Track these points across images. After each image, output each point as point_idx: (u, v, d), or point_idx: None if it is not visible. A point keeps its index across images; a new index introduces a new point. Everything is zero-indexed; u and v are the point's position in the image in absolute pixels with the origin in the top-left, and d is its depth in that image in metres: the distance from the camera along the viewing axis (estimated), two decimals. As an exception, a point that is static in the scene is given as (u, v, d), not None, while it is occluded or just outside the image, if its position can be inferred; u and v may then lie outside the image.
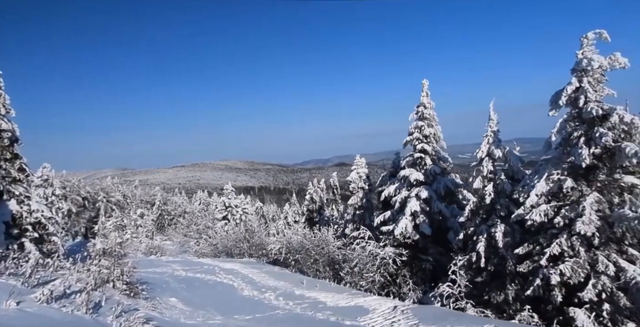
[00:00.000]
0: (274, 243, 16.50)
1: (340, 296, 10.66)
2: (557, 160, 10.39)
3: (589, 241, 9.39)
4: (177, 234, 37.32)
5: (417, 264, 15.18)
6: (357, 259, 13.67)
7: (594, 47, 9.67)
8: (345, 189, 30.29)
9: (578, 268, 9.26)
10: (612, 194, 9.56)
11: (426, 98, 16.03)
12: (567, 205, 9.82)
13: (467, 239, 12.91)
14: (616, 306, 8.93)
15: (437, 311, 9.23)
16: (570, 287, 9.44)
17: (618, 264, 8.96)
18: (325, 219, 31.14)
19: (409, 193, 15.42)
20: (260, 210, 50.68)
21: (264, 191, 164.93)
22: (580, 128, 9.90)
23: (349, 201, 21.18)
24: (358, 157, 22.09)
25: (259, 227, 22.84)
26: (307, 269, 14.66)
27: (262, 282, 12.58)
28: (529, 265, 10.30)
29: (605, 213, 9.33)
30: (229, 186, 34.46)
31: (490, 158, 12.65)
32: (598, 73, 9.67)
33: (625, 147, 8.87)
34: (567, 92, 9.83)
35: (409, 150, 16.43)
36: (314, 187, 35.54)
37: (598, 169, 9.68)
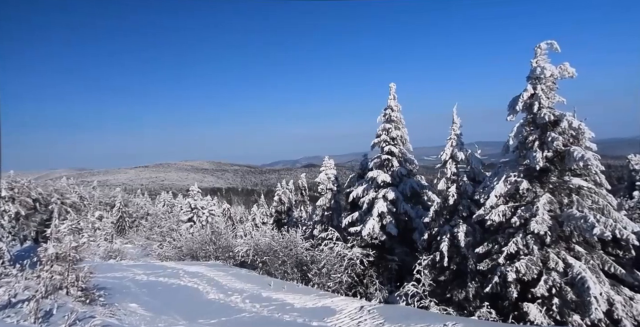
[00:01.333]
0: (242, 245, 16.23)
1: (307, 297, 10.64)
2: (515, 163, 10.94)
3: (542, 240, 9.95)
4: (139, 237, 35.83)
5: (383, 264, 15.45)
6: (325, 260, 13.72)
7: (547, 56, 10.31)
8: (314, 190, 30.37)
9: (532, 265, 9.78)
10: (562, 195, 10.19)
11: (393, 101, 16.39)
12: (523, 205, 10.36)
13: (432, 239, 13.30)
14: (564, 299, 9.51)
15: (402, 310, 9.43)
16: (525, 284, 9.95)
17: (566, 260, 9.56)
18: (294, 221, 31.02)
19: (376, 194, 15.68)
20: (228, 211, 49.66)
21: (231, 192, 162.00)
22: (534, 132, 10.49)
23: (318, 202, 21.21)
24: (327, 158, 22.20)
25: (226, 229, 22.38)
26: (274, 270, 14.53)
27: (229, 285, 12.32)
28: (488, 263, 10.75)
29: (556, 213, 9.93)
30: (195, 187, 33.55)
31: (454, 160, 13.12)
32: (550, 81, 10.30)
33: (574, 151, 9.49)
34: (523, 99, 10.40)
35: (377, 152, 16.72)
36: (283, 188, 35.33)
37: (550, 171, 10.29)
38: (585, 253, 9.80)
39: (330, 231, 15.11)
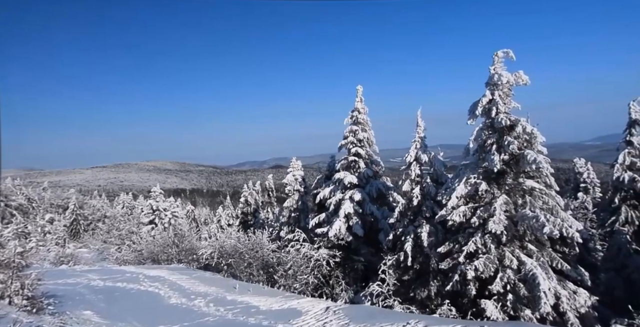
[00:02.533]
0: (206, 247, 15.81)
1: (273, 300, 10.53)
2: (474, 165, 11.43)
3: (499, 239, 10.45)
4: (95, 240, 33.97)
5: (349, 265, 15.60)
6: (291, 261, 13.65)
7: (503, 64, 10.87)
8: (281, 192, 30.17)
9: (489, 263, 10.25)
10: (517, 196, 10.77)
11: (360, 103, 16.64)
12: (481, 206, 10.83)
13: (396, 240, 13.60)
14: (517, 295, 10.04)
15: (367, 309, 9.56)
16: (483, 281, 10.40)
17: (520, 258, 10.11)
18: (261, 222, 30.68)
19: (343, 195, 15.82)
20: (192, 213, 48.27)
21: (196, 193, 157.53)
22: (492, 136, 11.03)
23: (285, 203, 21.10)
24: (294, 159, 22.14)
25: (189, 231, 21.69)
26: (240, 273, 14.27)
27: (192, 288, 11.95)
28: (449, 262, 11.14)
29: (511, 213, 10.48)
30: (157, 188, 32.32)
31: (418, 163, 13.50)
32: (506, 88, 10.88)
33: (527, 155, 10.07)
34: (482, 104, 10.91)
35: (344, 154, 16.89)
36: (249, 189, 34.85)
37: (506, 173, 10.85)
38: (536, 251, 10.40)
39: (297, 232, 15.06)
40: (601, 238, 16.39)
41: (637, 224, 15.43)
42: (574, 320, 9.65)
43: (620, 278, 13.44)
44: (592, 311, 9.99)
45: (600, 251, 15.30)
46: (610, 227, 15.90)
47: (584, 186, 24.79)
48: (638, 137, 15.81)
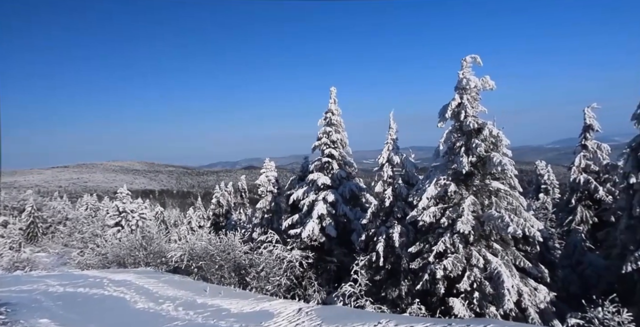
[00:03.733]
0: (175, 250, 15.37)
1: (245, 302, 10.38)
2: (444, 167, 11.77)
3: (466, 238, 10.81)
4: (54, 244, 32.27)
5: (322, 266, 15.64)
6: (264, 263, 13.51)
7: (471, 69, 11.28)
8: (254, 193, 29.81)
9: (457, 263, 10.58)
10: (484, 197, 11.19)
11: (334, 105, 16.75)
12: (450, 207, 11.17)
13: (369, 240, 13.77)
14: (483, 293, 10.42)
15: (339, 310, 9.61)
16: (451, 280, 10.72)
17: (486, 257, 10.50)
18: (233, 224, 30.20)
19: (316, 197, 15.85)
20: (161, 215, 46.82)
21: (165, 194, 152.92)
22: (461, 139, 11.40)
23: (258, 204, 20.88)
24: (267, 160, 21.97)
25: (158, 233, 21.03)
26: (211, 275, 13.98)
27: (160, 292, 11.58)
28: (419, 262, 11.40)
29: (478, 213, 10.87)
30: (124, 188, 31.12)
31: (390, 164, 13.74)
32: (474, 92, 11.30)
33: (493, 157, 10.49)
34: (452, 107, 11.27)
35: (318, 155, 16.93)
36: (221, 190, 34.24)
37: (474, 175, 11.25)
38: (501, 250, 10.83)
39: (270, 233, 14.94)
40: (559, 237, 17.29)
41: (591, 223, 16.42)
42: (534, 315, 10.12)
43: (575, 274, 14.23)
44: (551, 306, 10.52)
45: (559, 249, 16.13)
46: (567, 226, 16.82)
47: (545, 187, 26.10)
48: (592, 141, 16.81)
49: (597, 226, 16.22)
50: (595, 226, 16.33)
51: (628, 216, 11.50)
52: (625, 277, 10.67)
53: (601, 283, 12.95)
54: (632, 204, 11.21)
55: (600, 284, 12.86)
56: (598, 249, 15.48)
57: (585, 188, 16.55)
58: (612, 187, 16.29)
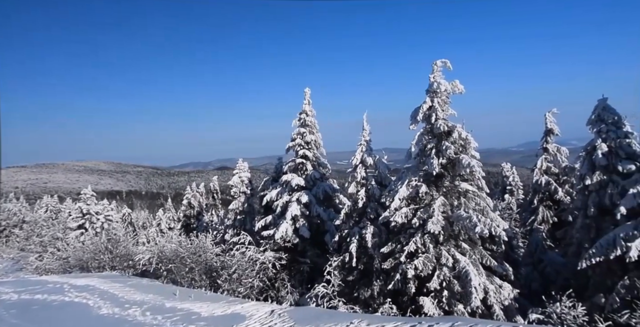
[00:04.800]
0: (144, 253, 14.85)
1: (216, 305, 10.18)
2: (416, 168, 12.04)
3: (436, 238, 11.11)
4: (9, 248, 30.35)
5: (295, 267, 15.60)
6: (236, 265, 13.31)
7: (442, 73, 11.62)
8: (226, 194, 29.32)
9: (428, 262, 10.85)
10: (453, 197, 11.54)
11: (308, 106, 16.78)
12: (422, 208, 11.44)
13: (342, 241, 13.87)
14: (452, 291, 10.74)
15: (312, 311, 9.61)
16: (422, 279, 10.98)
17: (455, 256, 10.82)
18: (204, 225, 29.60)
19: (290, 198, 15.80)
20: (128, 217, 45.10)
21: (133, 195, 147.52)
22: (432, 141, 11.71)
23: (230, 205, 20.57)
24: (241, 161, 21.69)
25: (125, 236, 20.24)
26: (181, 279, 13.61)
27: (126, 297, 11.15)
28: (391, 262, 11.60)
29: (448, 214, 11.19)
30: (88, 189, 29.77)
31: (363, 165, 13.91)
32: (444, 95, 11.64)
33: (462, 159, 10.85)
34: (423, 110, 11.56)
35: (292, 156, 16.89)
36: (193, 191, 33.48)
37: (444, 176, 11.58)
38: (469, 249, 11.20)
39: (243, 235, 14.74)
40: (523, 236, 18.11)
41: (551, 222, 17.29)
42: (499, 312, 10.53)
43: (536, 272, 14.94)
44: (514, 303, 10.98)
45: (522, 248, 16.89)
46: (530, 226, 17.63)
47: (510, 188, 27.25)
48: (552, 144, 17.72)
49: (557, 225, 17.11)
50: (555, 225, 17.22)
51: (583, 216, 12.19)
52: (580, 274, 11.29)
53: (559, 279, 13.66)
54: (587, 204, 11.88)
55: (559, 281, 13.56)
56: (557, 247, 16.33)
57: (546, 189, 17.42)
58: (570, 188, 17.23)
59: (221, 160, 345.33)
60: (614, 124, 11.42)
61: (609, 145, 11.28)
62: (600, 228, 11.44)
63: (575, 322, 8.45)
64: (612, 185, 11.26)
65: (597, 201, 11.59)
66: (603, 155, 11.23)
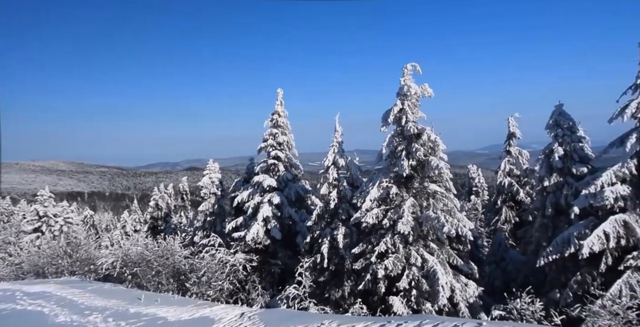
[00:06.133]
0: (107, 256, 14.24)
1: (183, 309, 9.91)
2: (387, 170, 12.26)
3: (406, 239, 11.35)
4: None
5: (266, 269, 15.46)
6: (205, 267, 13.01)
7: (412, 76, 11.92)
8: (196, 195, 28.64)
9: (398, 262, 11.05)
10: (422, 198, 11.83)
11: (280, 107, 16.71)
12: (392, 208, 11.66)
13: (313, 242, 13.88)
14: (420, 290, 11.01)
15: (283, 313, 9.56)
16: (391, 279, 11.17)
17: (424, 256, 11.10)
18: (172, 227, 28.75)
19: (262, 199, 15.66)
20: (90, 219, 43.04)
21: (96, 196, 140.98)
22: (402, 143, 11.98)
23: (200, 207, 20.11)
24: (211, 161, 21.27)
25: (87, 239, 19.32)
26: (147, 282, 13.15)
27: (87, 303, 10.63)
28: (362, 262, 11.73)
29: (417, 215, 11.46)
30: (45, 190, 28.18)
31: (335, 166, 14.00)
32: (414, 98, 11.94)
33: (431, 161, 11.16)
34: (394, 112, 11.80)
35: (263, 157, 16.75)
36: (160, 192, 32.45)
37: (414, 178, 11.86)
38: (437, 249, 11.52)
39: (213, 236, 14.44)
40: (487, 235, 18.85)
41: (513, 222, 18.14)
42: (464, 309, 10.89)
43: (499, 269, 15.60)
44: (479, 300, 11.40)
45: (486, 247, 17.59)
46: (494, 225, 18.41)
47: (475, 189, 28.32)
48: (514, 147, 18.61)
49: (518, 225, 17.96)
50: (516, 224, 18.06)
51: (542, 216, 12.87)
52: (538, 271, 11.90)
53: (520, 277, 14.32)
54: (545, 204, 12.56)
55: (519, 278, 14.22)
56: (518, 246, 17.13)
57: (508, 190, 18.24)
58: (530, 189, 18.14)
59: (190, 161, 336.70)
60: (569, 128, 12.14)
61: (565, 148, 11.97)
62: (557, 227, 12.11)
63: (534, 317, 8.88)
64: (567, 186, 11.97)
65: (554, 201, 12.26)
66: (559, 158, 11.90)
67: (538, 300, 9.27)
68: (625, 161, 9.69)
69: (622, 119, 9.98)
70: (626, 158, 9.71)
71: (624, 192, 9.56)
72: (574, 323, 8.61)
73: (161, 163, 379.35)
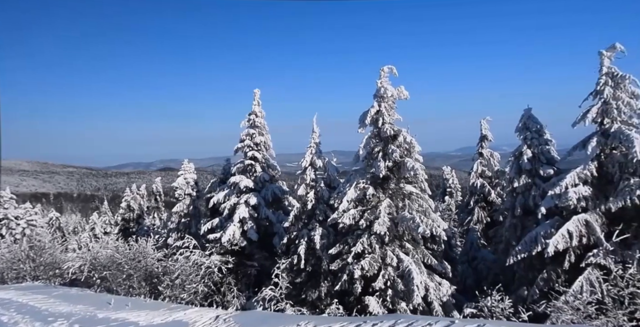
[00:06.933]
0: (74, 260, 13.68)
1: (156, 313, 9.63)
2: (363, 171, 12.37)
3: (382, 239, 11.49)
4: None
5: (242, 270, 15.27)
6: (179, 270, 12.71)
7: (388, 78, 12.11)
8: (170, 196, 27.97)
9: (374, 262, 11.18)
10: (398, 199, 12.02)
11: (258, 107, 16.57)
12: (369, 209, 11.77)
13: (290, 243, 13.83)
14: (395, 290, 11.16)
15: (259, 315, 9.47)
16: (368, 279, 11.27)
17: (399, 256, 11.27)
18: (145, 229, 27.92)
19: (238, 200, 15.46)
20: (56, 221, 41.16)
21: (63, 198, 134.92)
22: (379, 144, 12.14)
23: (174, 208, 19.62)
24: (186, 161, 20.81)
25: (52, 242, 18.47)
26: (117, 286, 12.72)
27: (51, 309, 10.15)
28: (339, 263, 11.78)
29: (393, 215, 11.63)
30: (6, 192, 26.80)
31: (313, 167, 14.01)
32: (391, 100, 12.13)
33: (407, 162, 11.36)
34: (371, 114, 11.95)
35: (240, 157, 16.55)
36: (133, 193, 31.48)
37: (390, 179, 12.04)
38: (412, 249, 11.73)
39: (188, 238, 14.12)
40: (460, 235, 19.35)
41: (485, 222, 18.69)
42: (438, 308, 11.13)
43: (471, 269, 16.05)
44: (452, 299, 11.67)
45: (460, 247, 18.06)
46: (467, 225, 18.91)
47: (449, 190, 29.03)
48: (486, 149, 19.21)
49: (490, 225, 18.52)
50: (488, 225, 18.62)
51: (511, 216, 13.34)
52: (508, 269, 12.31)
53: (490, 275, 14.78)
54: (514, 205, 13.02)
55: (490, 276, 14.67)
56: (490, 245, 17.67)
57: (481, 191, 18.80)
58: (501, 190, 18.76)
59: (165, 161, 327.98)
60: (537, 131, 12.65)
61: (533, 151, 12.47)
62: (525, 227, 12.57)
63: (503, 314, 9.20)
64: (535, 187, 12.45)
65: (523, 202, 12.74)
66: (528, 161, 12.38)
67: (507, 297, 9.61)
68: (586, 163, 10.19)
69: (584, 123, 10.51)
70: (587, 160, 10.21)
71: (586, 193, 10.06)
72: (540, 319, 8.95)
73: (133, 163, 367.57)
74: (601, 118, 10.39)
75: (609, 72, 10.32)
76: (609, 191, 10.03)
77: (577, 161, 10.83)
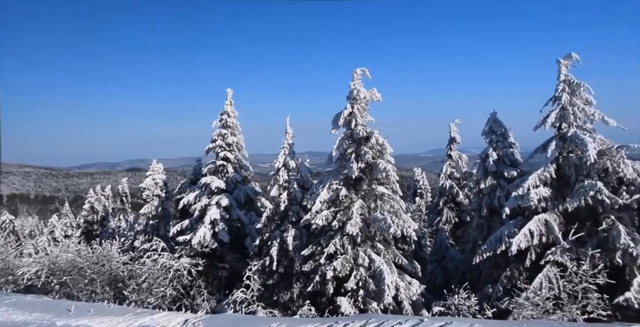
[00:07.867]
0: (29, 265, 12.91)
1: (120, 319, 9.25)
2: (336, 172, 12.45)
3: (354, 240, 11.59)
4: None
5: (213, 273, 14.95)
6: (146, 273, 12.29)
7: (361, 80, 12.27)
8: (137, 197, 27.00)
9: (346, 263, 11.25)
10: (370, 200, 12.17)
11: (230, 107, 16.32)
12: (341, 210, 11.85)
13: (263, 244, 13.68)
14: (367, 290, 11.29)
15: (230, 318, 9.31)
16: (340, 280, 11.34)
17: (371, 256, 11.41)
18: (110, 231, 26.81)
19: (209, 201, 15.15)
20: (10, 224, 38.66)
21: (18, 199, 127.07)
22: (352, 146, 12.26)
23: (142, 209, 18.98)
24: (155, 162, 20.18)
25: (4, 246, 17.31)
26: (78, 292, 12.12)
27: (2, 318, 9.52)
28: (312, 264, 11.77)
29: (365, 216, 11.76)
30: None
31: (286, 168, 13.94)
32: (364, 102, 12.30)
33: (379, 164, 11.53)
34: (344, 115, 12.06)
35: (212, 158, 16.24)
36: (97, 194, 30.14)
37: (363, 180, 12.17)
38: (383, 249, 11.90)
39: (156, 240, 13.68)
40: (430, 235, 19.86)
41: (453, 223, 19.29)
42: (408, 307, 11.34)
43: (440, 268, 16.50)
44: (421, 298, 11.93)
45: (429, 246, 18.52)
46: (436, 226, 19.43)
47: (420, 191, 29.70)
48: (455, 152, 19.84)
49: (458, 225, 19.12)
50: (456, 225, 19.22)
51: (478, 216, 13.84)
52: (474, 268, 12.74)
53: (458, 274, 15.24)
54: (481, 205, 13.52)
55: (458, 275, 15.13)
56: (458, 245, 18.24)
57: (449, 192, 19.38)
58: (468, 191, 19.42)
59: (132, 161, 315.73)
60: (502, 135, 13.21)
61: (498, 153, 13.00)
62: (491, 227, 13.08)
63: (469, 312, 9.52)
64: (500, 189, 12.99)
65: (489, 202, 13.25)
66: (493, 163, 12.90)
67: (474, 295, 9.94)
68: (546, 166, 10.74)
69: (544, 127, 11.09)
70: (547, 163, 10.78)
71: (546, 193, 10.60)
72: (503, 315, 9.33)
73: (99, 163, 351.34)
74: (559, 123, 10.99)
75: (566, 79, 10.93)
76: (566, 192, 10.61)
77: (538, 163, 11.39)
